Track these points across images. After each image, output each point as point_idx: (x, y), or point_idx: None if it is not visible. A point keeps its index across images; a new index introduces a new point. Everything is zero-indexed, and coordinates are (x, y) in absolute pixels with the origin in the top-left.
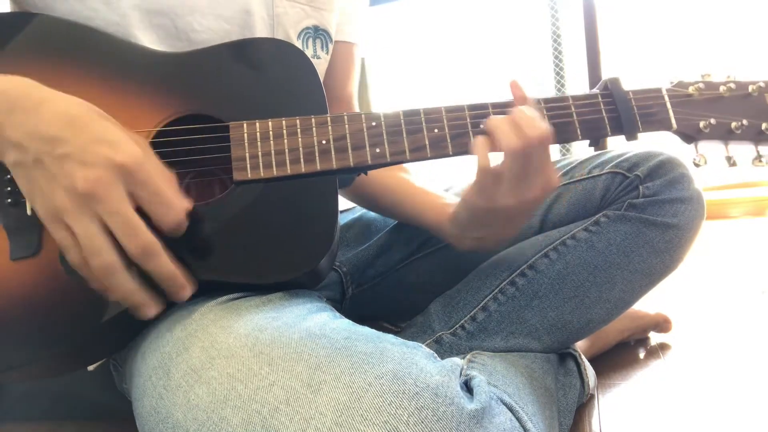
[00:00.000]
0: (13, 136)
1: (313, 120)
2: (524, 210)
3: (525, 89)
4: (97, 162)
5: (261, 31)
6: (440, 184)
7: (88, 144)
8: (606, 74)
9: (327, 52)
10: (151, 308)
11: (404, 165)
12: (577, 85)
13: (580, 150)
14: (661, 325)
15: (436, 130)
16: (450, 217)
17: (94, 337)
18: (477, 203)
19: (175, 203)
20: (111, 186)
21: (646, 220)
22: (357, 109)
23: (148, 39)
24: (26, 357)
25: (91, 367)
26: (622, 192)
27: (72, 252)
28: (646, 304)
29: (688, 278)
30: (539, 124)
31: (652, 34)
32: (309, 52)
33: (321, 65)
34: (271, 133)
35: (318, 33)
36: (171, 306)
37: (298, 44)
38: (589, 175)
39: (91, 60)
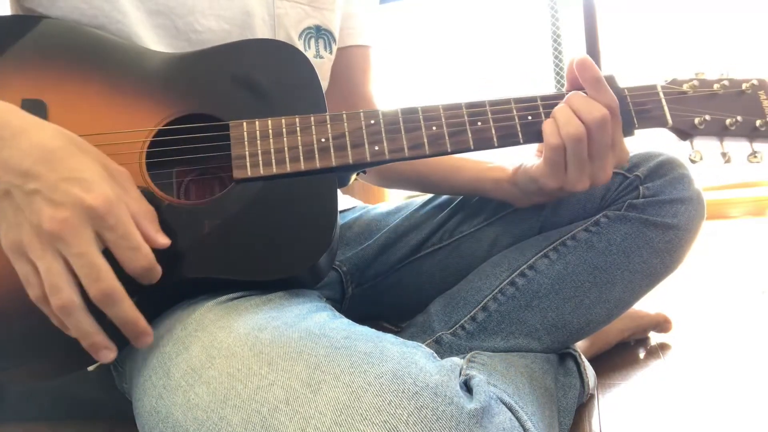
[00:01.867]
0: None
1: (312, 119)
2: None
3: (595, 68)
4: (66, 202)
5: (261, 32)
6: None
7: (59, 182)
8: (606, 74)
9: (330, 52)
10: (108, 352)
11: None
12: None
13: None
14: (661, 325)
15: (434, 128)
16: (513, 184)
17: None
18: (551, 182)
19: (142, 248)
20: (78, 228)
21: (646, 220)
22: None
23: (150, 38)
24: (25, 357)
25: (91, 367)
26: (622, 192)
27: (32, 287)
28: (646, 304)
29: (688, 278)
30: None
31: (652, 34)
32: (311, 53)
33: (324, 65)
34: (270, 131)
35: (320, 33)
36: (171, 306)
37: (300, 44)
38: None
39: (92, 61)
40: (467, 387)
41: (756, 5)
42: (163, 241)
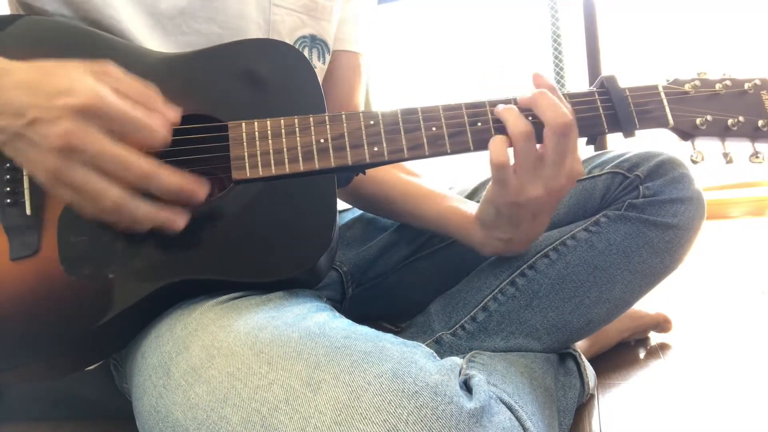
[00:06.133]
0: None
1: (311, 119)
2: (550, 201)
3: (548, 79)
4: (60, 115)
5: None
6: (443, 182)
7: (47, 101)
8: (606, 74)
9: (324, 62)
10: (177, 220)
11: (414, 169)
12: (577, 85)
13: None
14: (661, 325)
15: (434, 129)
16: (475, 220)
17: (93, 338)
18: (503, 197)
19: (147, 125)
20: (83, 132)
21: (646, 220)
22: None
23: (143, 36)
24: (25, 357)
25: (90, 367)
26: (622, 192)
27: (83, 206)
28: (646, 304)
29: (688, 278)
30: (565, 107)
31: (652, 34)
32: None
33: (317, 74)
34: (269, 132)
35: (315, 42)
36: (171, 306)
37: None
38: (589, 175)
39: (88, 59)
40: (467, 386)
41: (757, 5)
42: (172, 115)
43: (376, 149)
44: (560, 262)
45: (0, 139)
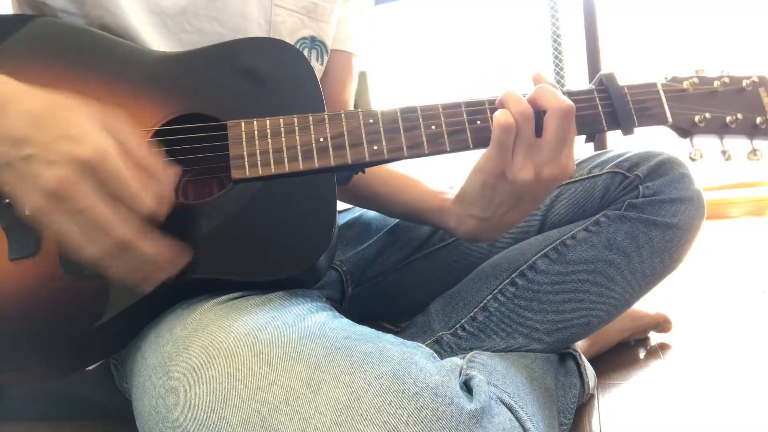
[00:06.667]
0: None
1: (310, 118)
2: (537, 189)
3: (548, 78)
4: (59, 160)
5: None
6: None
7: (51, 142)
8: (606, 71)
9: (322, 64)
10: (144, 287)
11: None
12: (577, 84)
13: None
14: (661, 325)
15: (433, 127)
16: (455, 198)
17: (92, 338)
18: (495, 166)
19: (140, 197)
20: (77, 184)
21: (646, 220)
22: None
23: (147, 34)
24: (25, 358)
25: (90, 367)
26: (622, 192)
27: (82, 249)
28: (646, 304)
29: (688, 278)
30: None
31: (652, 34)
32: None
33: None
34: (268, 131)
35: (315, 44)
36: (171, 306)
37: None
38: (589, 175)
39: (90, 61)
40: (467, 387)
41: (756, 3)
42: (170, 178)
43: (375, 148)
44: (560, 262)
45: None
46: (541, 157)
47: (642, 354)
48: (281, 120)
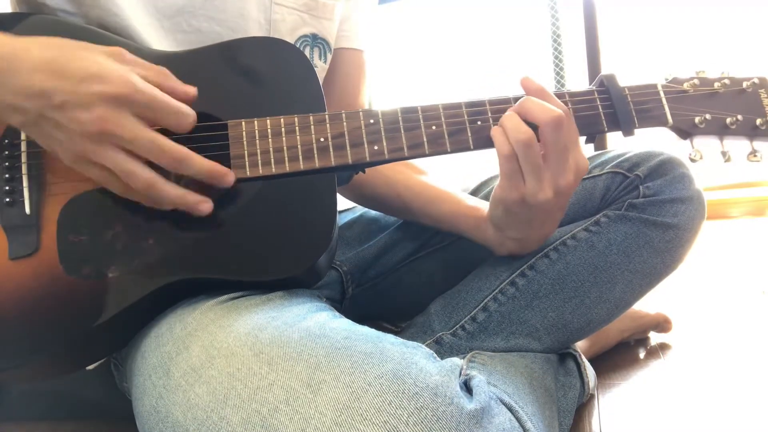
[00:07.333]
0: (6, 100)
1: (311, 118)
2: (559, 202)
3: (536, 81)
4: (94, 101)
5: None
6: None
7: (77, 86)
8: (606, 73)
9: (325, 62)
10: (203, 204)
11: (420, 166)
12: (577, 85)
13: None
14: (661, 325)
15: (434, 127)
16: (487, 219)
17: (93, 337)
18: (511, 194)
19: (181, 107)
20: (117, 118)
21: (646, 220)
22: None
23: (147, 34)
24: (25, 357)
25: (90, 366)
26: (623, 192)
27: (113, 185)
28: (646, 304)
29: (688, 278)
30: (554, 104)
31: (652, 34)
32: None
33: (318, 74)
34: (269, 131)
35: (316, 41)
36: (171, 305)
37: None
38: (590, 175)
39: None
40: (467, 387)
41: (756, 4)
42: (192, 90)
43: (376, 148)
44: (560, 262)
45: (19, 119)
46: (551, 172)
47: (642, 354)
48: (282, 120)
